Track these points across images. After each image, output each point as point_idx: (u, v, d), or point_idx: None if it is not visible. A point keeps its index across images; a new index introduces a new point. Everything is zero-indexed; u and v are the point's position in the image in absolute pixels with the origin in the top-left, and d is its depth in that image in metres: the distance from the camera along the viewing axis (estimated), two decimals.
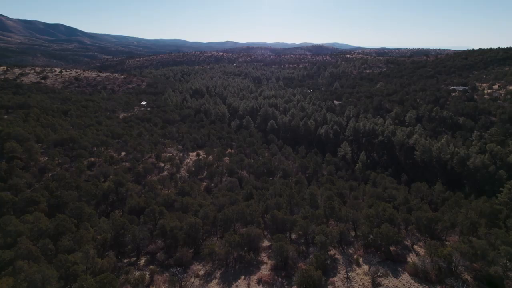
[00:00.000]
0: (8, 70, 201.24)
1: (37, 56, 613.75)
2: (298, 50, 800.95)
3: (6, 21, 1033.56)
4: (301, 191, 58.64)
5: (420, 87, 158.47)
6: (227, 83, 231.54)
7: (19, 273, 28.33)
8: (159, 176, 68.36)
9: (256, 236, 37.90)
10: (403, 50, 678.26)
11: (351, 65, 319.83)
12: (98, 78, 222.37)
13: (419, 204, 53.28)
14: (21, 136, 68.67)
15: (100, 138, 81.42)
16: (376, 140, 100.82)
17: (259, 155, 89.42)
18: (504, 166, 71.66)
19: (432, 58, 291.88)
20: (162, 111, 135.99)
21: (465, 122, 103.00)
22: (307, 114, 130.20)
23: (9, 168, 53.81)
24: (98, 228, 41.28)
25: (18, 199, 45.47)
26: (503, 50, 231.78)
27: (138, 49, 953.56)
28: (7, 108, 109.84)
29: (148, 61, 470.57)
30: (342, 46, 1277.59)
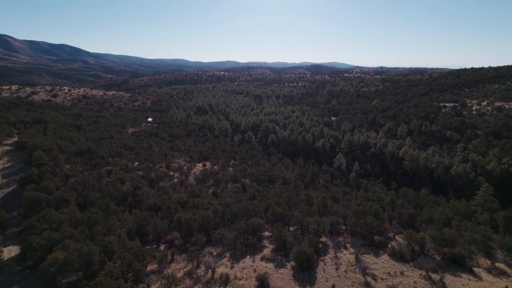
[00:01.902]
0: (20, 89, 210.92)
1: (42, 75, 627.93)
2: (298, 69, 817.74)
3: (13, 42, 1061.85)
4: (299, 194, 65.32)
5: (413, 104, 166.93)
6: (229, 101, 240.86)
7: (67, 249, 35.11)
8: (170, 183, 75.21)
9: (259, 225, 44.53)
10: (400, 69, 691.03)
11: (349, 83, 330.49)
12: (105, 96, 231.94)
13: (404, 204, 59.95)
14: (46, 146, 76.01)
15: (114, 149, 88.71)
16: (369, 152, 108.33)
17: (260, 165, 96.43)
18: (484, 174, 78.76)
19: (426, 76, 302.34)
20: (168, 126, 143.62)
21: (452, 135, 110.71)
22: (305, 128, 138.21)
23: (40, 172, 60.83)
24: (123, 220, 48.08)
25: (52, 197, 52.31)
26: (493, 69, 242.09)
27: (140, 69, 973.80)
28: (25, 123, 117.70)
29: (152, 80, 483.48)
30: (341, 65, 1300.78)
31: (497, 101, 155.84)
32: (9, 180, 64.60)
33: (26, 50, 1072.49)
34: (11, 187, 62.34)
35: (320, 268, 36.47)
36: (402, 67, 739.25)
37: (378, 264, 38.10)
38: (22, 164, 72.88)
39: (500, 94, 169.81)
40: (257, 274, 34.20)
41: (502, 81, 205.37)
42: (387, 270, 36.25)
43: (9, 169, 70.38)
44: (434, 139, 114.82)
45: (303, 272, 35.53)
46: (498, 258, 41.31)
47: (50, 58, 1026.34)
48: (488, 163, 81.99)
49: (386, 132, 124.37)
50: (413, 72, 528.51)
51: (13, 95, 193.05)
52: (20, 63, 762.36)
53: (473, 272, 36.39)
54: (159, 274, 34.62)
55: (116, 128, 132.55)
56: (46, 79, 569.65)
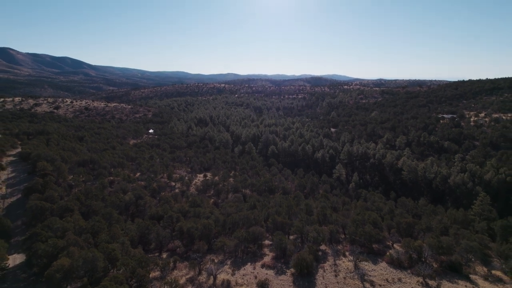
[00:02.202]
0: (23, 101, 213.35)
1: (44, 87, 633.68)
2: (298, 81, 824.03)
3: (16, 55, 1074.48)
4: (299, 203, 66.18)
5: (412, 115, 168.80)
6: (230, 113, 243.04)
7: (72, 256, 35.96)
8: (171, 193, 76.06)
9: (260, 234, 45.34)
10: (400, 81, 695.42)
11: (348, 95, 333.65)
12: (107, 108, 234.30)
13: (402, 214, 60.80)
14: (49, 157, 77.22)
15: (117, 160, 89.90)
16: (368, 163, 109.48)
17: (261, 176, 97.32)
18: (482, 184, 79.77)
19: (425, 88, 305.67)
20: (169, 138, 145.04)
21: (450, 146, 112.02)
22: (305, 140, 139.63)
23: (44, 182, 61.88)
24: (126, 229, 48.90)
25: (56, 207, 53.26)
26: (490, 81, 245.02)
27: (142, 81, 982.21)
28: (28, 134, 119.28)
29: (153, 92, 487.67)
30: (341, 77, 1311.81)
31: (495, 113, 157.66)
32: (13, 190, 65.59)
33: (29, 62, 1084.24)
34: (15, 196, 63.29)
35: (320, 275, 37.20)
36: (401, 79, 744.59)
37: (376, 271, 38.81)
38: (26, 174, 73.97)
39: (498, 105, 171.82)
40: (258, 280, 34.93)
41: (499, 93, 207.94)
42: (385, 276, 36.98)
43: (13, 179, 71.42)
44: (433, 150, 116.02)
45: (302, 278, 36.25)
46: (495, 265, 42.09)
47: (52, 70, 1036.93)
48: (486, 173, 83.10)
49: (385, 143, 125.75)
50: (412, 84, 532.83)
51: (16, 107, 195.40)
52: (22, 75, 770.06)
53: (470, 279, 37.12)
54: (162, 280, 35.36)
55: (118, 139, 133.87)
56: (48, 91, 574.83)
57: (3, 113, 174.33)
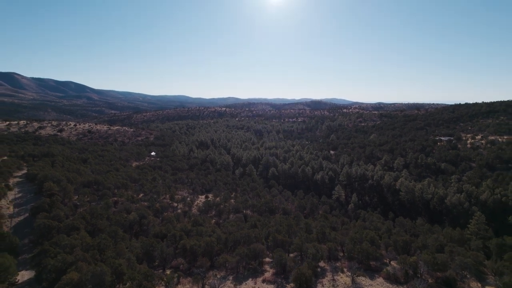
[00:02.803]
0: (28, 124, 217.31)
1: (48, 111, 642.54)
2: (298, 105, 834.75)
3: (21, 80, 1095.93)
4: (299, 223, 67.77)
5: (410, 138, 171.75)
6: (231, 136, 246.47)
7: (80, 271, 37.56)
8: (174, 213, 77.66)
9: (260, 251, 46.92)
10: (398, 104, 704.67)
11: (347, 119, 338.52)
12: (110, 131, 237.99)
13: (399, 232, 62.26)
14: (55, 178, 79.40)
15: (120, 181, 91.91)
16: (367, 184, 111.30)
17: (261, 197, 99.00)
18: (478, 204, 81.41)
19: (422, 111, 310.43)
20: (171, 160, 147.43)
21: (447, 167, 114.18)
22: (305, 162, 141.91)
23: (51, 202, 63.79)
24: (130, 247, 50.43)
25: (63, 225, 54.98)
26: (486, 104, 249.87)
27: (143, 105, 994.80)
28: (33, 156, 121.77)
29: (155, 115, 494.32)
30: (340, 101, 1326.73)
31: (491, 135, 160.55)
32: (20, 210, 67.38)
33: (33, 87, 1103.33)
34: (22, 216, 65.02)
35: None
36: (400, 103, 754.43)
37: (373, 286, 40.23)
38: (33, 194, 75.89)
39: (494, 128, 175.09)
40: None
41: (495, 116, 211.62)
42: None
43: (20, 199, 73.31)
44: (430, 171, 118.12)
45: None
46: (489, 282, 43.44)
47: (56, 94, 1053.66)
48: (482, 193, 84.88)
49: (383, 165, 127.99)
50: (411, 107, 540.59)
51: (21, 130, 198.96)
52: (26, 99, 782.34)
53: None
54: None
55: (121, 161, 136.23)
56: (51, 115, 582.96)
57: (8, 135, 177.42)
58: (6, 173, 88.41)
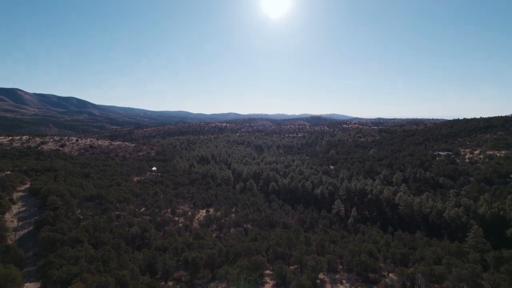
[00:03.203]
0: (30, 139, 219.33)
1: (49, 126, 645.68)
2: (298, 121, 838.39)
3: (23, 95, 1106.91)
4: (299, 236, 68.59)
5: (409, 153, 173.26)
6: (231, 151, 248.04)
7: (85, 281, 38.57)
8: (175, 227, 78.48)
9: (261, 263, 47.84)
10: (398, 120, 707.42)
11: (347, 134, 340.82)
12: (111, 146, 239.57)
13: (398, 245, 63.08)
14: (59, 192, 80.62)
15: (122, 196, 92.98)
16: (366, 198, 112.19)
17: (261, 211, 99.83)
18: (476, 217, 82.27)
19: (421, 127, 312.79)
20: (172, 175, 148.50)
21: (445, 182, 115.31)
22: (305, 176, 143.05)
23: (55, 215, 64.91)
24: (133, 259, 51.32)
25: (66, 238, 55.99)
26: (484, 119, 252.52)
27: (144, 120, 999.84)
28: (36, 171, 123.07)
29: (156, 131, 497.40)
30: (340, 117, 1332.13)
31: (489, 150, 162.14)
32: (24, 223, 68.31)
33: (36, 102, 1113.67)
34: (26, 229, 65.91)
35: None
36: (399, 118, 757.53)
37: None
38: (36, 208, 76.89)
39: (492, 143, 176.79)
40: None
41: (493, 131, 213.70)
42: None
43: (23, 213, 74.30)
44: (428, 186, 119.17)
45: None
46: None
47: (58, 110, 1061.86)
48: (480, 207, 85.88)
49: (382, 180, 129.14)
50: (410, 122, 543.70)
51: (24, 145, 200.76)
52: (28, 114, 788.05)
53: None
54: None
55: (122, 176, 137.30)
56: (53, 130, 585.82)
57: (11, 150, 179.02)
58: (10, 187, 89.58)
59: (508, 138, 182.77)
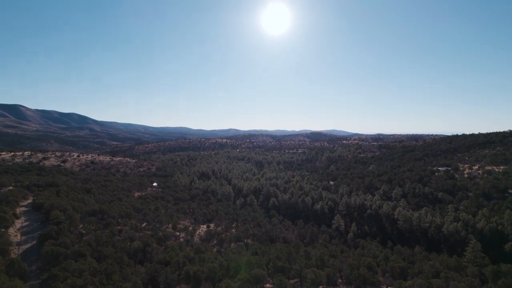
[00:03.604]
0: (32, 155, 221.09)
1: (50, 142, 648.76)
2: (298, 137, 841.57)
3: (25, 111, 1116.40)
4: (298, 251, 69.29)
5: (408, 168, 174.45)
6: (232, 167, 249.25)
7: None
8: (176, 242, 79.16)
9: (261, 276, 48.69)
10: (398, 135, 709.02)
11: (347, 150, 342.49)
12: (112, 162, 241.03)
13: (397, 259, 63.75)
14: (62, 206, 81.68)
15: (124, 211, 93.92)
16: (366, 213, 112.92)
17: (262, 226, 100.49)
18: (475, 232, 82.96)
19: (421, 142, 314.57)
20: (173, 191, 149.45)
21: (444, 197, 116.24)
22: (305, 192, 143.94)
23: (58, 230, 65.85)
24: (135, 273, 52.10)
25: (69, 252, 56.85)
26: (482, 135, 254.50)
27: (145, 136, 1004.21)
28: (38, 186, 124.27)
29: (156, 147, 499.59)
30: (341, 133, 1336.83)
31: (488, 165, 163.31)
32: (27, 238, 69.16)
33: (37, 118, 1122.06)
34: (29, 243, 66.72)
35: None
36: (399, 134, 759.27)
37: None
38: (39, 223, 77.81)
39: (490, 158, 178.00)
40: None
41: (492, 146, 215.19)
42: None
43: (26, 227, 75.21)
44: (428, 201, 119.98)
45: None
46: None
47: (59, 126, 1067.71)
48: (478, 222, 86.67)
49: (381, 195, 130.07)
50: (410, 138, 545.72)
51: (26, 160, 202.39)
52: (30, 130, 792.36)
53: None
54: None
55: (124, 191, 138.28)
56: (54, 146, 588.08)
57: (13, 166, 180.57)
58: (13, 202, 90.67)
59: (506, 154, 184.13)
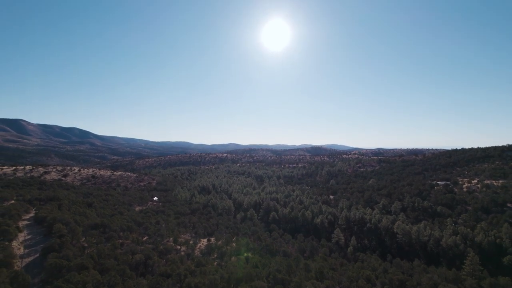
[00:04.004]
0: (33, 169, 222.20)
1: (51, 156, 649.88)
2: (298, 151, 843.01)
3: (27, 126, 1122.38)
4: (298, 264, 69.95)
5: (408, 183, 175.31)
6: (232, 181, 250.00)
7: None
8: (177, 255, 79.74)
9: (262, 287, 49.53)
10: (398, 150, 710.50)
11: (347, 164, 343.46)
12: (113, 176, 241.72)
13: (395, 272, 64.39)
14: (64, 220, 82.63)
15: (125, 224, 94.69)
16: (365, 227, 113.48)
17: (262, 240, 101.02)
18: (474, 246, 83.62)
19: (420, 157, 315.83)
20: (173, 205, 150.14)
21: (443, 210, 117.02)
22: (305, 206, 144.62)
23: (61, 243, 66.78)
24: (138, 285, 52.84)
25: (72, 264, 57.70)
26: (481, 149, 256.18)
27: (145, 151, 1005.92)
28: (40, 200, 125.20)
29: (157, 161, 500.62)
30: (341, 147, 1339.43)
31: (486, 179, 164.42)
32: (30, 251, 69.89)
33: (39, 133, 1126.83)
34: (32, 256, 67.44)
35: None
36: (399, 148, 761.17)
37: None
38: (41, 236, 78.58)
39: (489, 172, 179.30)
40: None
41: (490, 161, 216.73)
42: None
43: (29, 240, 75.95)
44: (427, 215, 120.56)
45: None
46: None
47: (60, 140, 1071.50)
48: (477, 235, 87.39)
49: (381, 209, 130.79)
50: (410, 153, 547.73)
51: (27, 175, 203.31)
52: (31, 145, 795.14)
53: None
54: None
55: (125, 206, 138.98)
56: (55, 160, 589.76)
57: (15, 180, 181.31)
58: (16, 215, 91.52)
59: (505, 168, 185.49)
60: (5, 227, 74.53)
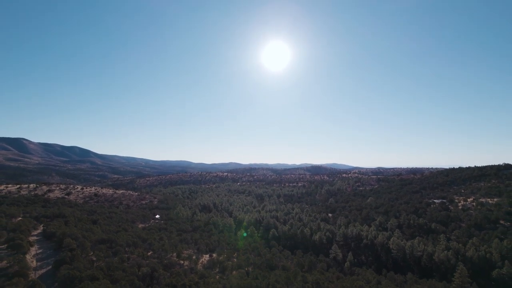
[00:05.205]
0: (37, 187, 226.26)
1: (52, 175, 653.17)
2: (298, 170, 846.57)
3: (28, 145, 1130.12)
4: (296, 276, 73.62)
5: (405, 201, 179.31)
6: (233, 200, 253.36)
7: None
8: (181, 269, 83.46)
9: None
10: (397, 169, 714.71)
11: (346, 183, 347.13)
12: (115, 195, 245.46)
13: (388, 284, 68.06)
14: (73, 235, 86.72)
15: (131, 240, 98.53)
16: (362, 243, 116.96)
17: (262, 256, 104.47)
18: (465, 260, 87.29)
19: (418, 176, 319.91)
20: (175, 222, 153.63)
21: (437, 227, 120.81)
22: (304, 223, 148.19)
23: (72, 255, 70.80)
24: None
25: (84, 275, 61.64)
26: (478, 168, 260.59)
27: (146, 169, 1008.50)
28: (46, 217, 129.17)
29: (157, 180, 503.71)
30: (341, 166, 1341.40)
31: (482, 197, 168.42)
32: (42, 263, 73.77)
33: (40, 152, 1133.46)
34: (44, 269, 71.27)
35: None
36: (399, 167, 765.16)
37: None
38: (52, 250, 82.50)
39: (485, 190, 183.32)
40: None
41: (487, 179, 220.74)
42: None
43: (41, 254, 79.87)
44: (422, 231, 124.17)
45: None
46: None
47: (61, 159, 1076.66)
48: (468, 250, 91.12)
49: (377, 226, 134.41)
50: (409, 172, 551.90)
51: (31, 193, 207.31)
52: (32, 164, 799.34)
53: None
54: None
55: (128, 223, 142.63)
56: (55, 179, 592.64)
57: (19, 198, 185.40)
58: (26, 231, 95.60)
59: (500, 186, 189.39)
60: (18, 241, 78.73)
